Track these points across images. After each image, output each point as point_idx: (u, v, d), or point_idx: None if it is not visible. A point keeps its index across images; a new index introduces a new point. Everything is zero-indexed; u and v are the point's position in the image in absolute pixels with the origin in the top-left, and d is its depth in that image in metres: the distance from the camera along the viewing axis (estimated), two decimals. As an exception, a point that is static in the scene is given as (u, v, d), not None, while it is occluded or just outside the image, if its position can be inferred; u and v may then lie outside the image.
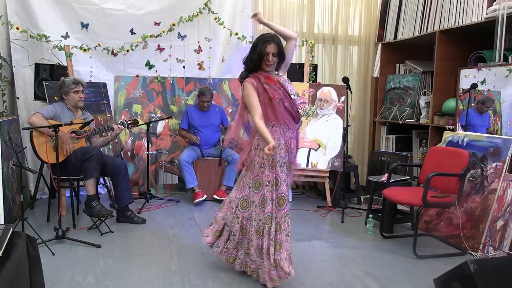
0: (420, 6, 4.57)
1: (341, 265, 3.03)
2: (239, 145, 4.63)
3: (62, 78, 3.95)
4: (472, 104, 3.76)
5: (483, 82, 3.70)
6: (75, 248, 3.19)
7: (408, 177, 4.27)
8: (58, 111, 3.70)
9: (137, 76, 4.92)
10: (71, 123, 3.48)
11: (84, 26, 4.65)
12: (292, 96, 2.71)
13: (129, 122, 3.93)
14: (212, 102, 4.75)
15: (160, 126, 5.00)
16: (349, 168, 4.75)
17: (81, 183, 3.88)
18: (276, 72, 2.77)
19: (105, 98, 4.66)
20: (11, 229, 1.88)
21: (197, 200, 4.46)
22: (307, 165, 4.58)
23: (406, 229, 3.83)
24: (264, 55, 2.63)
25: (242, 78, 2.74)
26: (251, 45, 2.75)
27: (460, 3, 4.01)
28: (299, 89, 4.70)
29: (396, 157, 4.77)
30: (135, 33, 4.80)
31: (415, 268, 2.97)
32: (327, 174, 4.60)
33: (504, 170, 3.22)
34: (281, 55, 2.69)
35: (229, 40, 5.09)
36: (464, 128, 3.77)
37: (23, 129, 3.63)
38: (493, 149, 3.35)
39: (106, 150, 4.60)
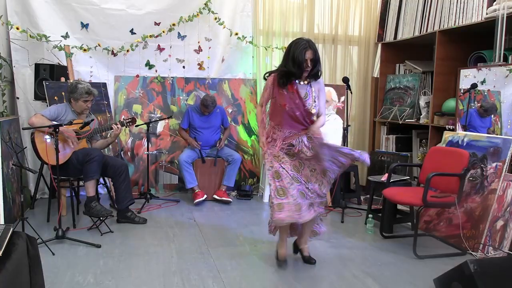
0: (420, 6, 4.57)
1: (341, 265, 3.02)
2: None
3: (75, 81, 3.81)
4: (472, 105, 3.76)
5: (483, 82, 3.70)
6: (75, 248, 3.19)
7: (408, 177, 4.27)
8: (61, 112, 3.68)
9: (137, 76, 4.92)
10: (71, 123, 3.48)
11: (84, 26, 4.65)
12: (307, 106, 2.78)
13: (127, 120, 3.93)
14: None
15: (160, 126, 5.00)
16: (349, 168, 4.72)
17: (81, 183, 3.88)
18: (302, 82, 2.83)
19: (105, 98, 4.66)
20: (11, 229, 1.88)
21: (197, 200, 4.46)
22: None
23: (406, 229, 3.83)
24: (303, 62, 2.71)
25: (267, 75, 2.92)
26: (286, 51, 2.83)
27: (460, 3, 4.01)
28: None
29: (396, 157, 4.77)
30: (135, 33, 4.80)
31: (415, 268, 2.97)
32: (327, 174, 4.59)
33: (504, 170, 3.22)
34: (315, 60, 2.76)
35: (229, 40, 5.09)
36: (464, 128, 3.77)
37: (23, 129, 3.63)
38: (493, 149, 3.35)
39: (106, 150, 4.60)
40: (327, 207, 4.46)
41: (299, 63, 2.69)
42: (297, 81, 2.80)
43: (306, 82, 2.83)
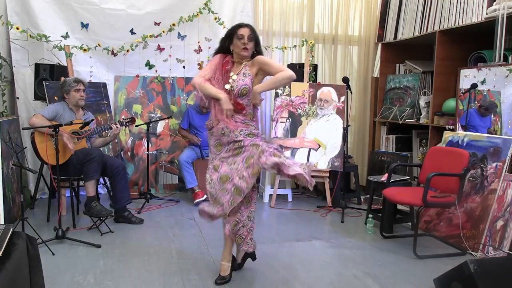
0: (420, 6, 4.57)
1: (341, 265, 3.03)
2: None
3: (62, 78, 3.97)
4: (473, 105, 3.76)
5: (483, 82, 3.70)
6: (75, 248, 3.19)
7: (408, 177, 4.27)
8: (60, 111, 3.70)
9: (137, 76, 4.92)
10: (71, 123, 3.48)
11: (84, 26, 4.65)
12: (227, 87, 2.59)
13: (126, 120, 3.93)
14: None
15: (160, 126, 5.00)
16: (349, 168, 4.75)
17: (81, 183, 3.88)
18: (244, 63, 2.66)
19: (105, 98, 4.66)
20: (11, 229, 1.88)
21: (197, 200, 4.46)
22: (307, 165, 4.58)
23: (406, 229, 3.83)
24: (238, 38, 2.58)
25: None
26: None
27: (460, 3, 4.01)
28: (299, 89, 4.71)
29: (396, 157, 4.77)
30: (135, 33, 4.80)
31: (415, 268, 2.97)
32: (327, 174, 4.60)
33: (504, 170, 3.22)
34: (256, 42, 2.64)
35: (229, 40, 5.09)
36: (464, 128, 3.77)
37: (23, 129, 3.63)
38: (493, 149, 3.35)
39: (106, 150, 4.60)
40: (328, 207, 4.47)
41: (230, 37, 2.65)
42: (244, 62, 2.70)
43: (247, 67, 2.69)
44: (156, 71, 4.97)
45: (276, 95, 4.73)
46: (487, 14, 3.67)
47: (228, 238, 2.72)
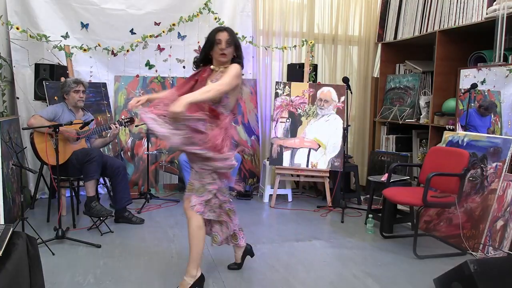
0: (420, 6, 4.57)
1: (341, 265, 3.03)
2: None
3: (63, 78, 3.97)
4: (473, 104, 3.76)
5: (483, 82, 3.70)
6: (75, 248, 3.19)
7: (408, 177, 4.27)
8: (59, 112, 3.71)
9: (137, 76, 4.92)
10: (71, 123, 3.48)
11: (84, 26, 4.65)
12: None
13: (126, 120, 3.93)
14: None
15: (160, 126, 4.99)
16: (349, 168, 4.75)
17: (81, 183, 3.89)
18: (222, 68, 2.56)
19: (105, 98, 4.66)
20: (11, 229, 1.88)
21: (197, 200, 4.46)
22: (307, 165, 4.58)
23: (406, 229, 3.83)
24: (216, 43, 2.52)
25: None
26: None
27: (460, 3, 4.01)
28: (299, 89, 4.71)
29: (396, 157, 4.77)
30: (135, 33, 4.80)
31: (415, 268, 2.97)
32: (327, 174, 4.59)
33: (504, 170, 3.22)
34: (236, 46, 2.56)
35: (229, 40, 5.09)
36: (464, 128, 3.77)
37: (23, 129, 3.64)
38: (493, 149, 3.35)
39: (106, 150, 4.60)
40: (328, 207, 4.46)
41: (211, 43, 2.60)
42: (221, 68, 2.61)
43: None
44: (156, 71, 4.97)
45: (276, 95, 4.73)
46: (487, 14, 3.67)
47: (193, 244, 2.52)
